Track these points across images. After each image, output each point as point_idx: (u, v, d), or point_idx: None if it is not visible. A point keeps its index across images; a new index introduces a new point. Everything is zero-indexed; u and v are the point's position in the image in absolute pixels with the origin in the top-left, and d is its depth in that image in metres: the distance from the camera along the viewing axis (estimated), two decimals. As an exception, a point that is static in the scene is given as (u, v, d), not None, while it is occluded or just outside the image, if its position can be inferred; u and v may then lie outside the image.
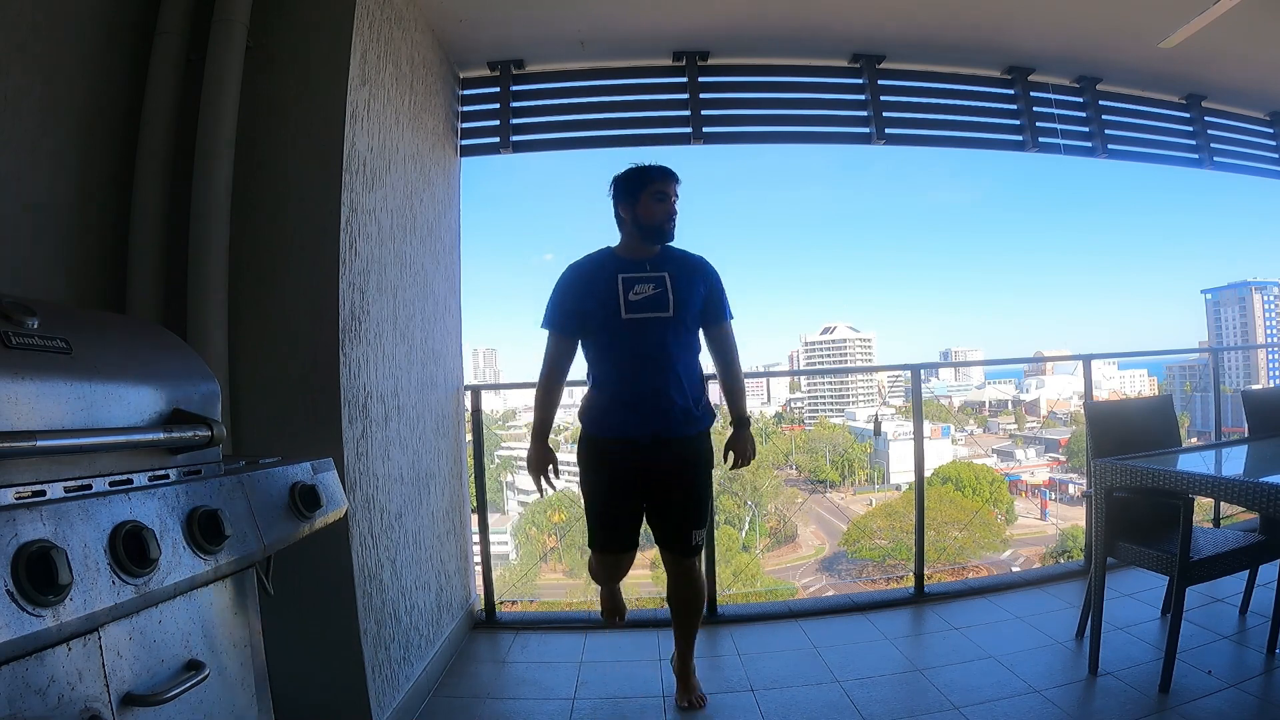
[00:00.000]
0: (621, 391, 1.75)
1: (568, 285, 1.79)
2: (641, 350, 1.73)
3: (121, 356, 0.86)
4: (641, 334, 1.72)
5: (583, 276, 1.79)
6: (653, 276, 1.75)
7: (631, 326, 1.72)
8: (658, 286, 1.74)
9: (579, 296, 1.77)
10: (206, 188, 1.57)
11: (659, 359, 1.73)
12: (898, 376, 4.36)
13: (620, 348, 1.75)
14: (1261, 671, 1.82)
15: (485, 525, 2.70)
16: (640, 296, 1.72)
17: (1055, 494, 20.43)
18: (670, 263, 1.79)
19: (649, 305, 1.72)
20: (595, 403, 1.79)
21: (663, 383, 1.73)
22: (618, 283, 1.73)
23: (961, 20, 2.64)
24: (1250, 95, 3.34)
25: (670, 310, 1.73)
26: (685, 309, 1.75)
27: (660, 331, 1.73)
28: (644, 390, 1.73)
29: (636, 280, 1.74)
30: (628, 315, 1.72)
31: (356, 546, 1.64)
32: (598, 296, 1.74)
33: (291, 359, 1.64)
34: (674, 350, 1.74)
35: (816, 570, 17.52)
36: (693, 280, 1.78)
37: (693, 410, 1.78)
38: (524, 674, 2.16)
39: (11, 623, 0.52)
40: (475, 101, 2.79)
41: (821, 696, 1.90)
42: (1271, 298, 31.61)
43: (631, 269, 1.75)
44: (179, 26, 1.61)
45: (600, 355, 1.79)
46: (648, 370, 1.73)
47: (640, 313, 1.72)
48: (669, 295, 1.73)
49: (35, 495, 0.63)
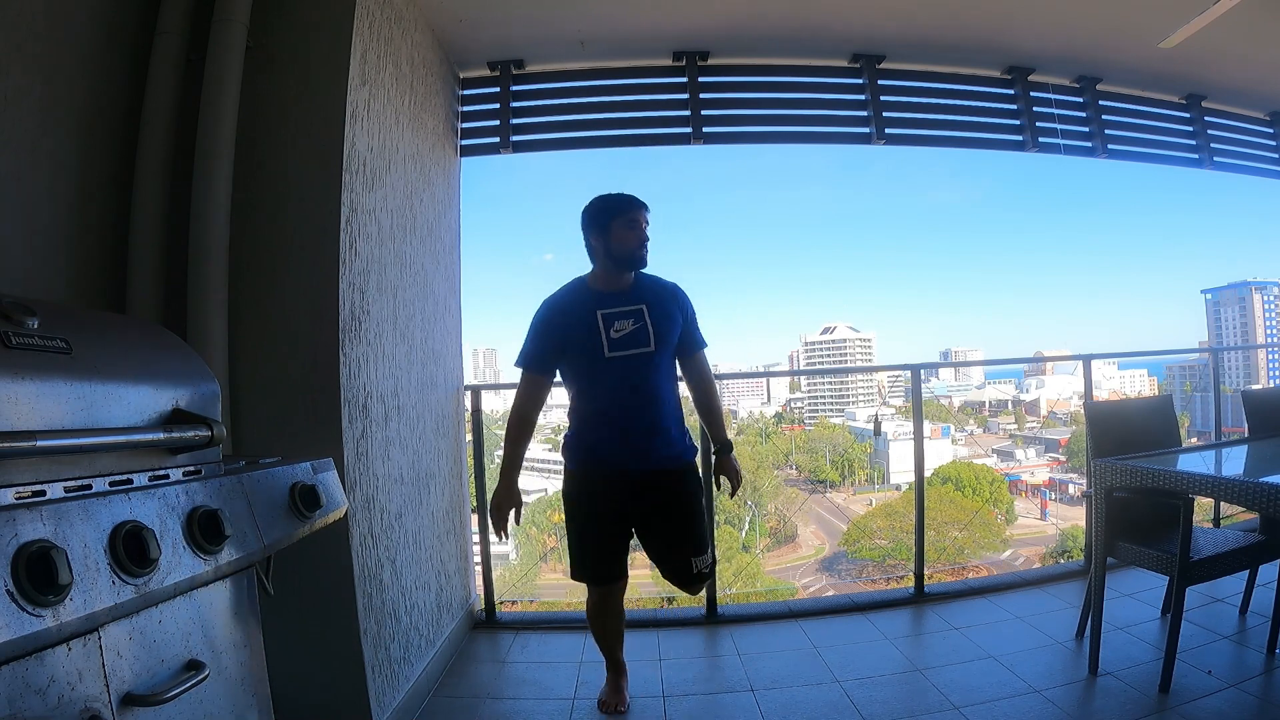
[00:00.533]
0: (608, 428, 1.75)
1: (547, 324, 1.77)
2: (627, 387, 1.73)
3: (121, 356, 0.86)
4: (625, 371, 1.72)
5: (562, 315, 1.77)
6: (631, 311, 1.74)
7: (615, 364, 1.72)
8: (637, 321, 1.73)
9: (559, 336, 1.76)
10: (206, 188, 1.57)
11: (643, 394, 1.74)
12: (898, 376, 4.36)
13: (605, 386, 1.74)
14: (1261, 671, 1.82)
15: (485, 525, 2.70)
16: (621, 334, 1.72)
17: (1055, 494, 20.43)
18: (645, 292, 1.78)
19: (630, 342, 1.72)
20: (581, 438, 1.79)
21: (649, 417, 1.74)
22: (598, 320, 1.73)
23: (961, 20, 2.64)
24: (1250, 95, 3.34)
25: (651, 344, 1.73)
26: (664, 341, 1.76)
27: (643, 366, 1.73)
28: (631, 425, 1.74)
29: (616, 316, 1.73)
30: (611, 354, 1.71)
31: (356, 546, 1.64)
32: (579, 336, 1.73)
33: (291, 359, 1.64)
34: (657, 383, 1.75)
35: (816, 570, 17.52)
36: (669, 310, 1.79)
37: (678, 442, 1.80)
38: (524, 674, 2.16)
39: (11, 623, 0.52)
40: (475, 101, 2.79)
41: (821, 696, 1.90)
42: (1271, 298, 31.61)
43: (609, 303, 1.74)
44: (179, 26, 1.61)
45: (585, 393, 1.78)
46: (634, 406, 1.74)
47: (623, 350, 1.72)
48: (649, 329, 1.73)
49: (35, 495, 0.63)
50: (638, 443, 1.74)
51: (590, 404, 1.78)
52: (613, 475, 1.75)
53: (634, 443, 1.74)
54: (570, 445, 1.81)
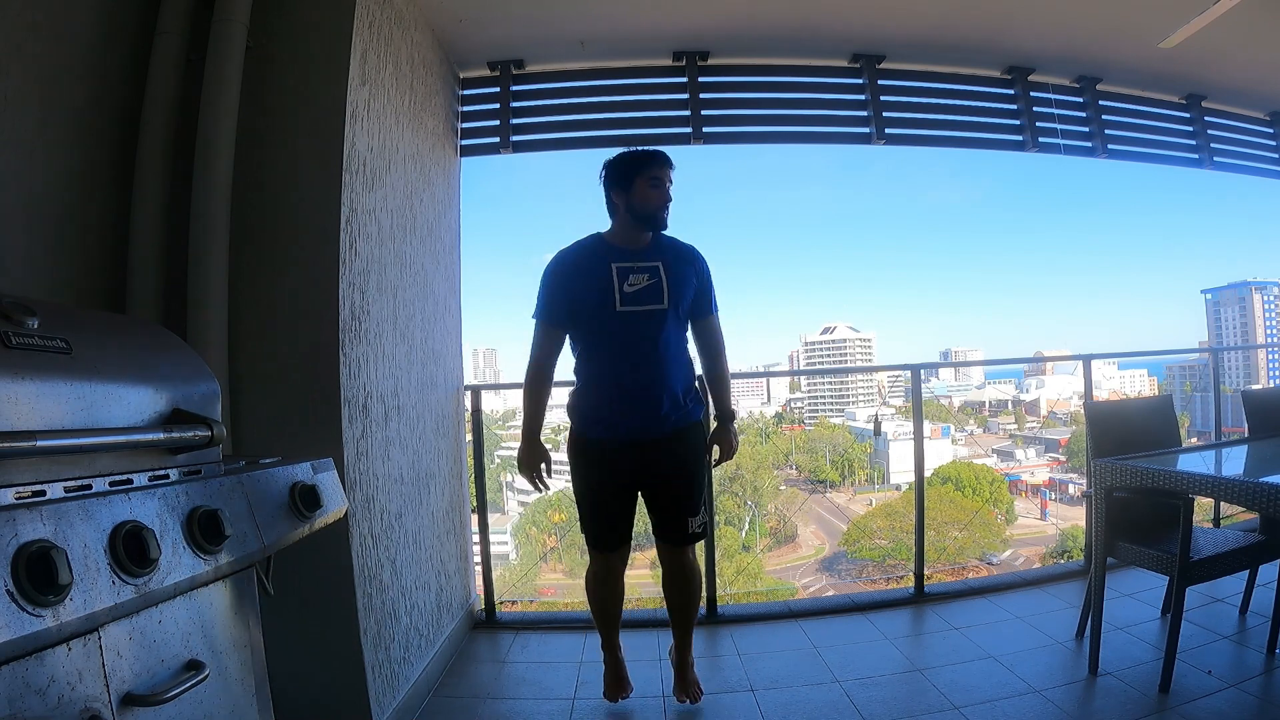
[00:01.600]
0: (615, 386, 1.71)
1: (558, 274, 1.74)
2: (636, 343, 1.69)
3: (121, 356, 0.86)
4: (636, 326, 1.69)
5: (574, 265, 1.74)
6: (647, 266, 1.71)
7: (626, 319, 1.68)
8: (652, 277, 1.70)
9: (570, 286, 1.72)
10: (206, 188, 1.57)
11: (653, 352, 1.70)
12: (898, 376, 4.36)
13: (614, 341, 1.70)
14: (1261, 671, 1.82)
15: (485, 525, 2.70)
16: (635, 288, 1.68)
17: (1055, 494, 20.41)
18: (663, 251, 1.75)
19: (644, 297, 1.69)
20: (586, 399, 1.76)
21: (657, 376, 1.70)
22: (612, 272, 1.69)
23: (961, 20, 2.64)
24: (1250, 95, 3.34)
25: (665, 302, 1.70)
26: (679, 300, 1.72)
27: (655, 324, 1.69)
28: (639, 384, 1.70)
29: (631, 270, 1.69)
30: (623, 307, 1.67)
31: (356, 546, 1.64)
32: (591, 287, 1.69)
33: (291, 359, 1.64)
34: (668, 342, 1.72)
35: (816, 570, 17.52)
36: (685, 271, 1.75)
37: (684, 402, 1.76)
38: (524, 674, 2.16)
39: (11, 623, 0.52)
40: (475, 101, 2.79)
41: (821, 696, 1.90)
42: (1271, 298, 31.60)
43: (625, 258, 1.71)
44: (179, 26, 1.61)
45: (592, 348, 1.75)
46: (642, 364, 1.69)
47: (635, 305, 1.68)
48: (664, 286, 1.70)
49: (35, 495, 0.63)
50: (644, 406, 1.70)
51: (598, 362, 1.74)
52: (618, 443, 1.73)
53: (640, 406, 1.70)
54: (577, 408, 1.78)
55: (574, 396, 1.80)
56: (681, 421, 1.76)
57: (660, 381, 1.71)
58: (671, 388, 1.72)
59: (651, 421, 1.71)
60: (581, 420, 1.78)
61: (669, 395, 1.72)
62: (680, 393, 1.75)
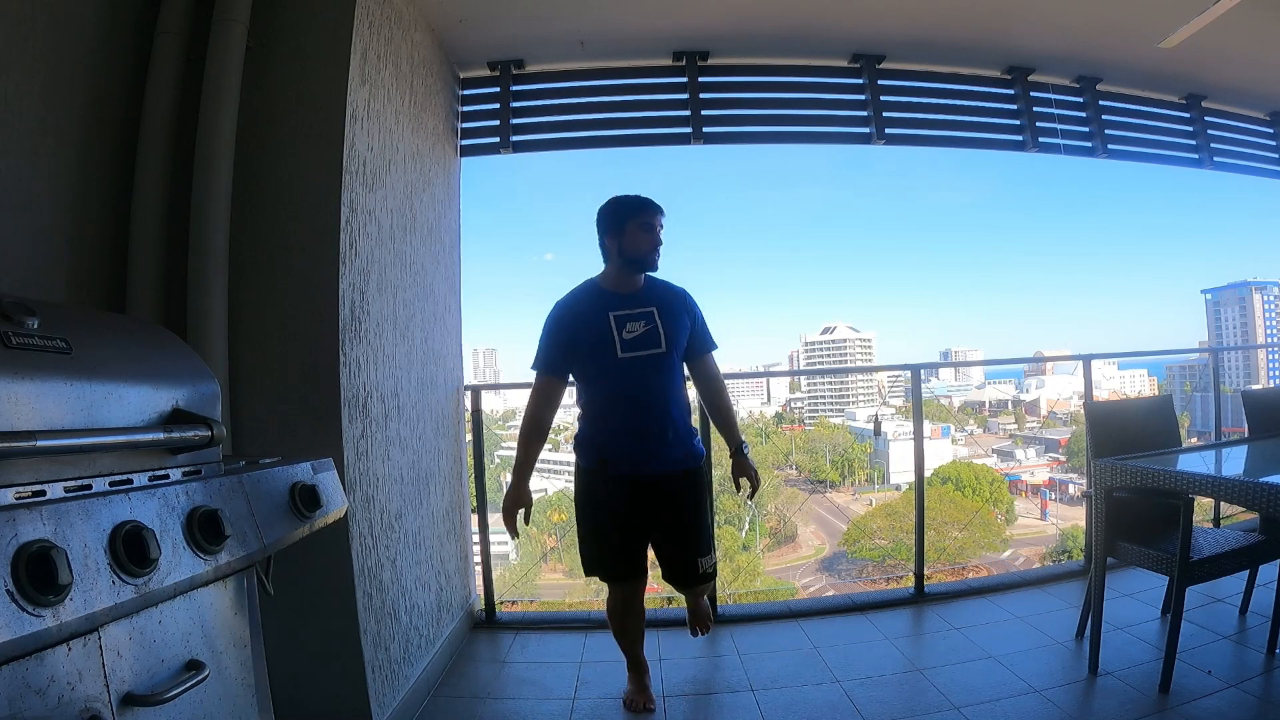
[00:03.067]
0: (619, 429, 1.76)
1: (558, 325, 1.79)
2: (638, 388, 1.75)
3: (121, 356, 0.86)
4: (637, 372, 1.74)
5: (573, 315, 1.79)
6: (642, 312, 1.77)
7: (627, 365, 1.73)
8: (648, 323, 1.76)
9: (572, 337, 1.78)
10: (206, 188, 1.57)
11: (654, 395, 1.75)
12: (898, 376, 4.36)
13: (616, 387, 1.76)
14: (1261, 671, 1.82)
15: (485, 525, 2.70)
16: (634, 335, 1.75)
17: (1055, 494, 20.43)
18: (656, 295, 1.81)
19: (642, 343, 1.75)
20: (593, 439, 1.80)
21: (659, 418, 1.76)
22: (610, 321, 1.75)
23: (961, 20, 2.64)
24: (1250, 95, 3.34)
25: (663, 345, 1.76)
26: (675, 343, 1.78)
27: (654, 368, 1.75)
28: (642, 427, 1.75)
29: (628, 318, 1.76)
30: (623, 355, 1.73)
31: (356, 546, 1.64)
32: (591, 337, 1.75)
33: (291, 359, 1.64)
34: (667, 384, 1.77)
35: (816, 570, 17.52)
36: (678, 313, 1.81)
37: (687, 444, 1.82)
38: (524, 674, 2.16)
39: (11, 623, 0.52)
40: (475, 101, 2.79)
41: (821, 696, 1.90)
42: (1271, 298, 31.63)
43: (621, 305, 1.77)
44: (179, 26, 1.62)
45: (596, 394, 1.80)
46: (645, 407, 1.75)
47: (635, 351, 1.74)
48: (659, 331, 1.76)
49: (35, 495, 0.63)
50: (649, 444, 1.75)
51: (602, 405, 1.80)
52: (624, 479, 1.76)
53: (645, 444, 1.75)
54: (582, 444, 1.82)
55: (580, 435, 1.84)
56: (688, 461, 1.81)
57: (664, 420, 1.76)
58: (674, 428, 1.78)
59: (656, 459, 1.76)
60: (586, 457, 1.82)
61: (672, 432, 1.77)
62: (682, 433, 1.80)
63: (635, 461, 1.76)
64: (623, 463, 1.76)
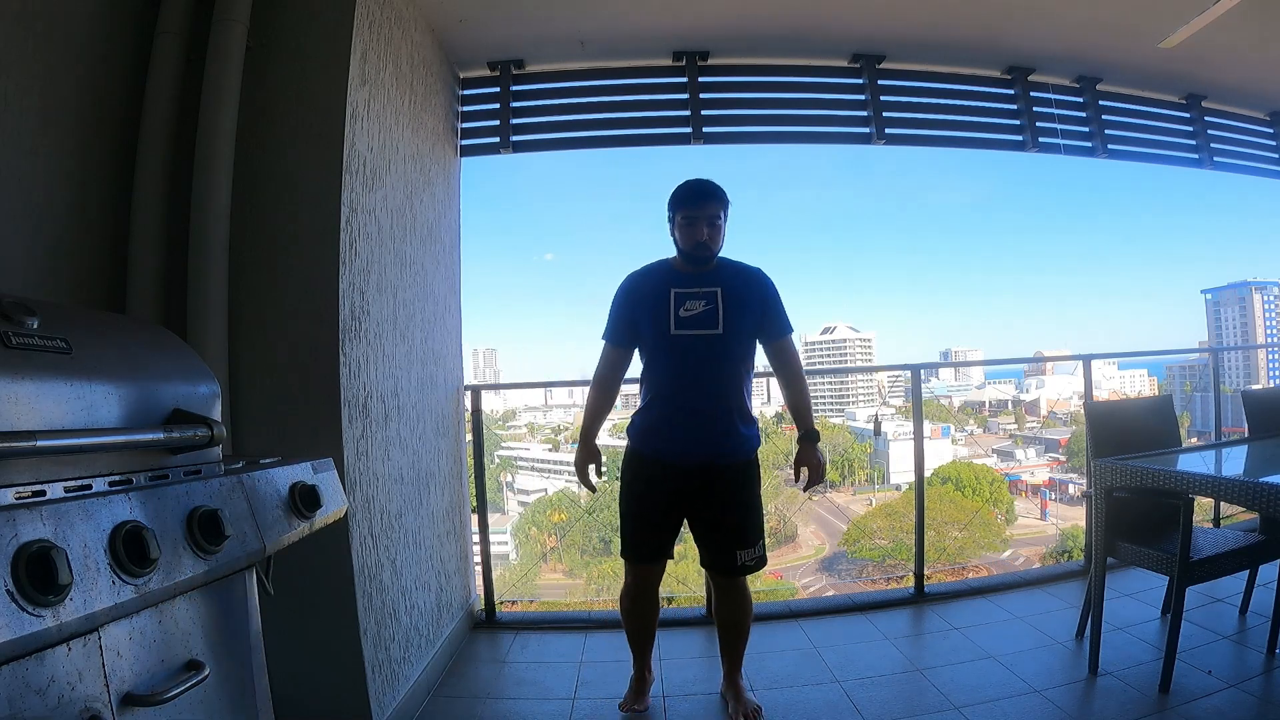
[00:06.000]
0: (668, 410, 1.73)
1: (624, 296, 1.81)
2: (689, 368, 1.70)
3: (121, 356, 0.86)
4: (690, 351, 1.70)
5: (637, 288, 1.79)
6: (704, 293, 1.73)
7: (680, 343, 1.70)
8: (708, 303, 1.72)
9: (633, 307, 1.78)
10: (206, 187, 1.57)
11: (706, 378, 1.70)
12: (898, 376, 4.36)
13: (670, 363, 1.73)
14: (1261, 671, 1.82)
15: (485, 525, 2.70)
16: (690, 313, 1.71)
17: (1055, 494, 20.43)
18: (724, 276, 1.76)
19: (698, 322, 1.71)
20: (644, 420, 1.78)
21: (710, 403, 1.70)
22: (669, 297, 1.72)
23: (961, 20, 2.64)
24: (1250, 95, 3.34)
25: (720, 328, 1.70)
26: (736, 327, 1.72)
27: (708, 349, 1.70)
28: (691, 410, 1.70)
29: (688, 296, 1.72)
30: (676, 331, 1.70)
31: (356, 546, 1.64)
32: (649, 310, 1.74)
33: (291, 359, 1.64)
34: (722, 369, 1.71)
35: (816, 570, 17.52)
36: (745, 296, 1.75)
37: (741, 434, 1.74)
38: (524, 674, 2.16)
39: (11, 623, 0.51)
40: (475, 101, 2.79)
41: (821, 696, 1.90)
42: (1271, 298, 31.63)
43: (684, 283, 1.74)
44: (179, 26, 1.62)
45: (651, 369, 1.78)
46: (695, 389, 1.70)
47: (689, 329, 1.70)
48: (719, 312, 1.71)
49: (35, 495, 0.63)
50: (697, 431, 1.70)
51: (653, 383, 1.77)
52: (666, 465, 1.73)
53: (693, 430, 1.70)
54: (635, 424, 1.81)
55: (635, 414, 1.83)
56: (739, 454, 1.74)
57: (715, 407, 1.71)
58: (726, 415, 1.71)
59: (704, 449, 1.71)
60: (638, 436, 1.79)
61: (724, 421, 1.71)
62: (735, 422, 1.73)
63: (683, 446, 1.71)
64: (670, 448, 1.72)
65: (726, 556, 1.74)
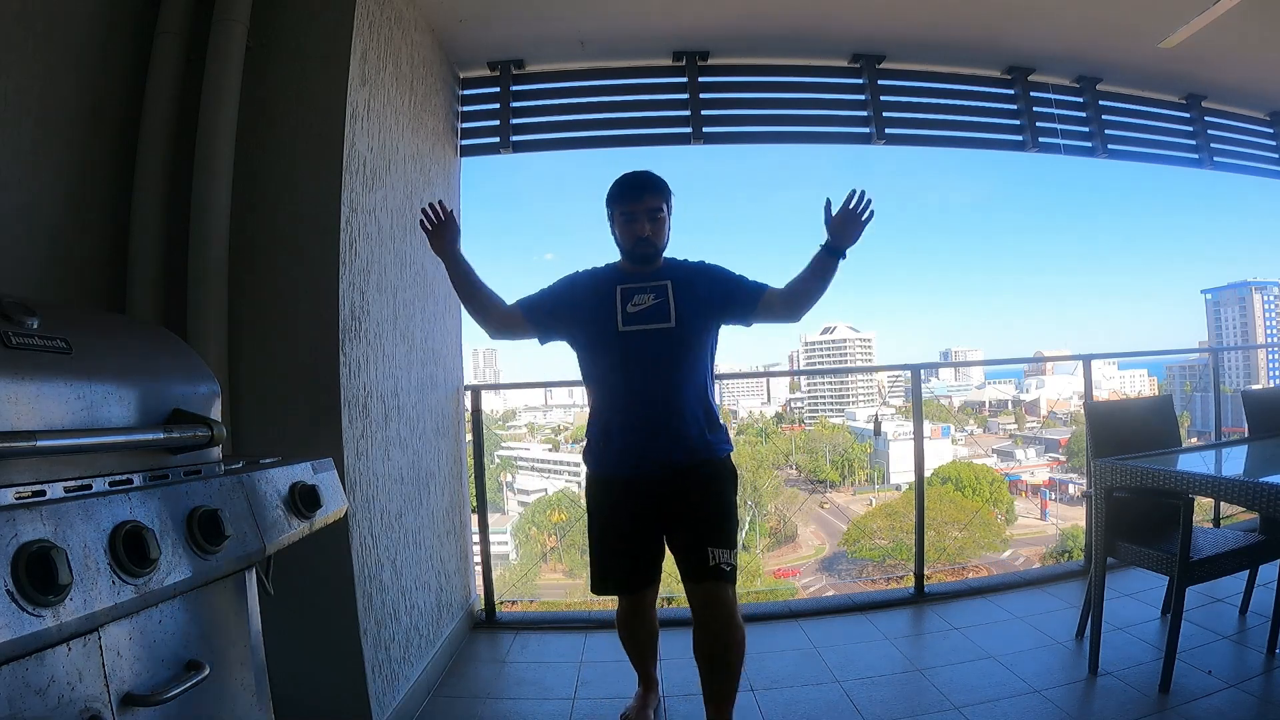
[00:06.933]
0: (623, 415, 1.58)
1: (565, 287, 1.67)
2: (642, 366, 1.55)
3: (121, 356, 0.86)
4: (642, 349, 1.55)
5: (584, 283, 1.66)
6: (653, 286, 1.59)
7: (629, 340, 1.56)
8: (658, 296, 1.58)
9: (573, 298, 1.64)
10: (206, 188, 1.57)
11: (661, 375, 1.55)
12: (898, 376, 4.36)
13: (618, 365, 1.58)
14: (1261, 671, 1.82)
15: (485, 525, 2.70)
16: (639, 308, 1.57)
17: (1055, 494, 20.46)
18: (672, 271, 1.63)
19: (648, 317, 1.57)
20: (598, 437, 1.63)
21: (668, 401, 1.55)
22: (616, 293, 1.59)
23: (961, 20, 2.64)
24: (1250, 95, 3.34)
25: (672, 320, 1.56)
26: (687, 319, 1.57)
27: (662, 344, 1.56)
28: (648, 411, 1.55)
29: (636, 291, 1.59)
30: (625, 328, 1.56)
31: (356, 546, 1.64)
32: (593, 306, 1.59)
33: (291, 359, 1.64)
34: (677, 364, 1.57)
35: (816, 570, 17.53)
36: (694, 286, 1.61)
37: (705, 435, 1.58)
38: (524, 674, 2.16)
39: (11, 623, 0.51)
40: (475, 101, 2.79)
41: (821, 696, 1.90)
42: (1271, 298, 31.65)
43: (632, 280, 1.61)
44: (179, 26, 1.62)
45: (598, 375, 1.63)
46: (650, 388, 1.55)
47: (639, 324, 1.56)
48: (670, 304, 1.57)
49: (35, 495, 0.63)
50: (656, 431, 1.55)
51: (602, 388, 1.62)
52: (628, 482, 1.59)
53: (653, 432, 1.55)
54: (590, 449, 1.66)
55: (588, 439, 1.68)
56: (706, 453, 1.58)
57: (673, 405, 1.55)
58: (687, 412, 1.56)
59: (666, 452, 1.55)
60: (596, 461, 1.65)
61: (683, 419, 1.56)
62: (699, 422, 1.58)
63: (639, 457, 1.56)
64: (625, 462, 1.58)
65: (697, 555, 1.52)
